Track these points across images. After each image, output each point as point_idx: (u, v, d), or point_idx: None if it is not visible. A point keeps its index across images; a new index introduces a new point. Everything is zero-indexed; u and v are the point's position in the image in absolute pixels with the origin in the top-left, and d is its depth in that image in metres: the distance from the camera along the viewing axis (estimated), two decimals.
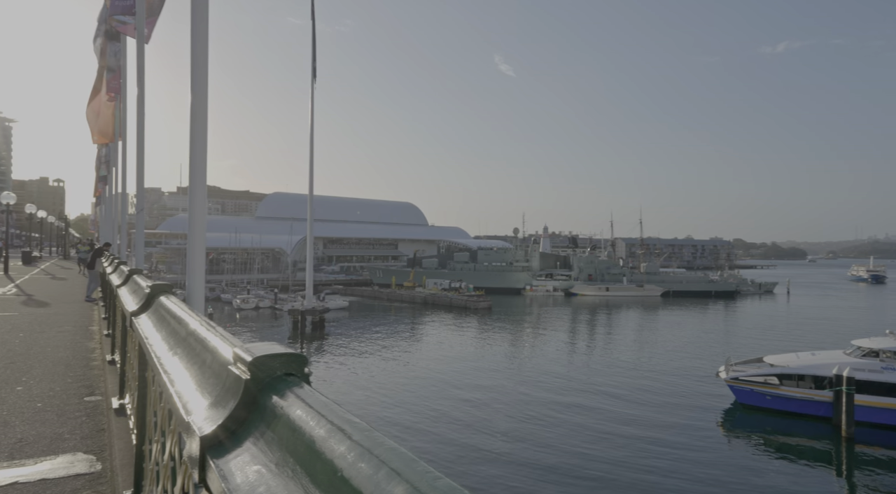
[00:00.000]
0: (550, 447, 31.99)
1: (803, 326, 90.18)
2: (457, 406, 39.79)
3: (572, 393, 44.11)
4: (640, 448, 32.17)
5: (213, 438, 1.52)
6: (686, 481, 27.85)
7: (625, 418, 37.98)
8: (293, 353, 1.72)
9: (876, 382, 36.48)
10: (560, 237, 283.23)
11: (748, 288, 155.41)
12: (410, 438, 33.00)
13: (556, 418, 36.99)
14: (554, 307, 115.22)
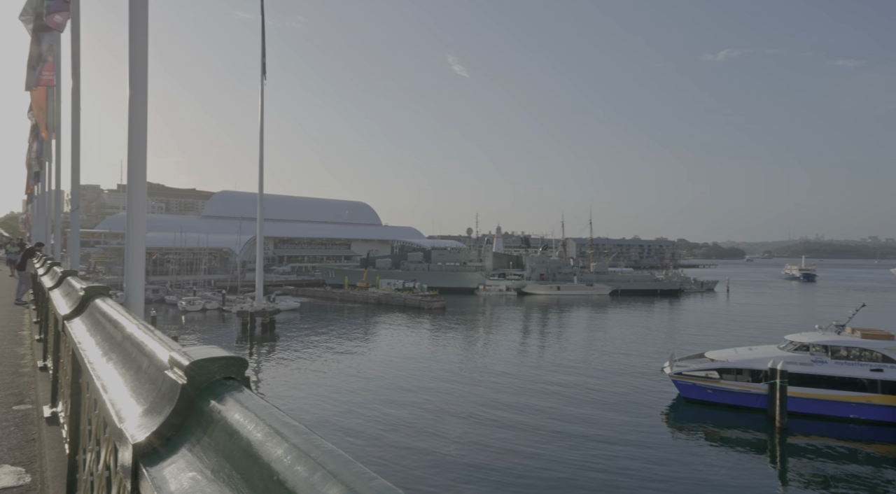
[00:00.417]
0: (502, 449, 32.28)
1: (742, 322, 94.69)
2: (408, 408, 39.47)
3: (524, 393, 44.70)
4: (590, 447, 32.98)
5: (147, 446, 1.49)
6: (633, 477, 28.74)
7: (575, 417, 38.85)
8: (232, 356, 1.70)
9: (806, 374, 38.68)
10: (513, 237, 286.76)
11: (691, 286, 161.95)
12: (361, 442, 32.64)
13: (508, 419, 37.11)
14: (507, 306, 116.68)
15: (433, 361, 56.75)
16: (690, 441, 34.44)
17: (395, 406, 40.33)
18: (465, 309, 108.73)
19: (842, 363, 38.63)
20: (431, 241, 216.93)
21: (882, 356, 38.04)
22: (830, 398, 38.03)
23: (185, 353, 1.70)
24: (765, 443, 34.54)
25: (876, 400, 37.05)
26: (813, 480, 28.80)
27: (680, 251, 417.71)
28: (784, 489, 27.88)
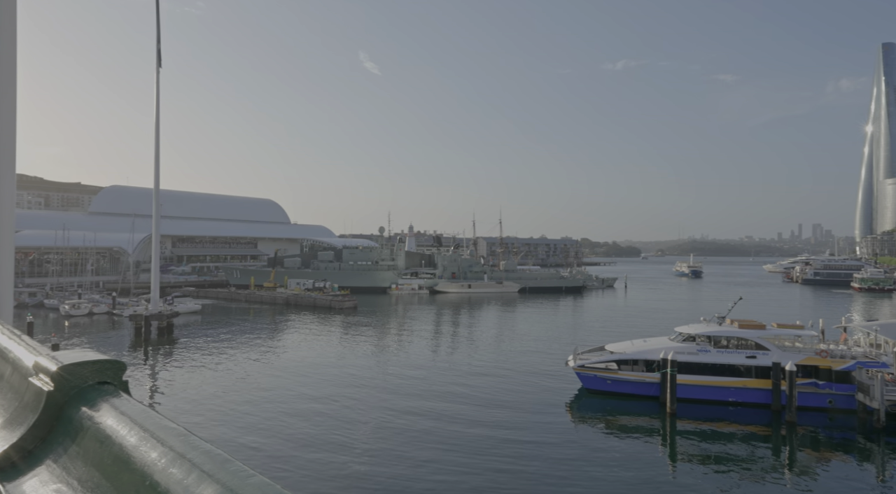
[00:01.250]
0: (411, 458, 32.02)
1: (638, 316, 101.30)
2: (314, 413, 38.22)
3: (435, 395, 44.74)
4: (499, 447, 33.77)
5: (4, 460, 1.40)
6: (538, 472, 29.82)
7: (485, 416, 39.65)
8: (108, 360, 1.62)
9: (693, 363, 42.06)
10: (425, 236, 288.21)
11: (593, 283, 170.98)
12: (260, 455, 31.40)
13: (418, 425, 36.65)
14: (419, 305, 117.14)
15: (343, 364, 55.68)
16: (592, 431, 36.29)
17: (299, 414, 38.57)
18: (378, 309, 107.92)
19: (723, 351, 42.36)
20: (342, 240, 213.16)
21: (756, 344, 42.14)
22: (713, 384, 41.60)
23: (54, 358, 1.61)
24: (657, 428, 37.12)
25: (751, 384, 41.00)
26: (698, 458, 31.34)
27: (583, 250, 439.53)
28: (673, 469, 30.09)
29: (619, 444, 33.55)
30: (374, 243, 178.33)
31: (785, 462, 31.67)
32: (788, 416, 37.45)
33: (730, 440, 34.52)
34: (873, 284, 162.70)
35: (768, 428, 36.80)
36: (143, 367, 54.26)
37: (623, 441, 34.28)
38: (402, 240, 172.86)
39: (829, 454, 32.64)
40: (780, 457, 32.45)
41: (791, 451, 33.30)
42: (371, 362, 56.27)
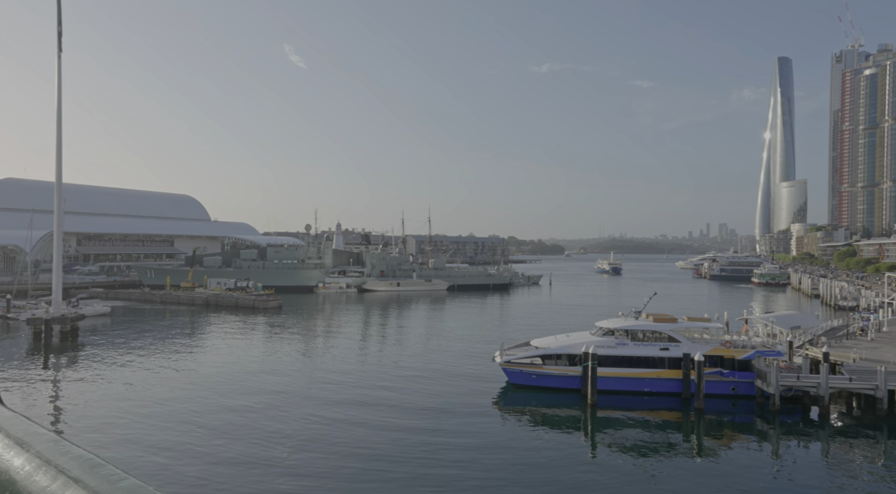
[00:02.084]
0: (339, 462, 31.68)
1: (562, 311, 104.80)
2: (231, 424, 35.72)
3: (363, 396, 44.01)
4: (428, 445, 33.81)
5: None
6: (466, 469, 30.13)
7: (414, 415, 39.56)
8: None
9: (612, 356, 43.95)
10: (353, 234, 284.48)
11: (519, 280, 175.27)
12: (170, 468, 29.52)
13: (344, 428, 35.74)
14: (347, 304, 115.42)
15: (265, 368, 53.68)
16: (517, 423, 37.11)
17: (215, 426, 36.34)
18: (304, 308, 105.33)
19: (639, 344, 44.56)
20: (267, 238, 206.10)
21: (668, 336, 44.63)
22: (631, 375, 43.68)
23: None
24: (579, 420, 38.52)
25: (664, 374, 43.39)
26: (616, 447, 32.77)
27: (510, 248, 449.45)
28: (594, 458, 31.30)
29: (543, 438, 34.47)
30: (301, 241, 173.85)
31: (694, 447, 33.75)
32: (697, 403, 39.95)
33: (645, 428, 36.34)
34: (770, 279, 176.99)
35: (679, 415, 39.09)
36: (41, 375, 49.94)
37: (547, 434, 35.25)
38: (329, 238, 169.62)
39: (732, 436, 35.11)
40: (689, 442, 34.55)
41: (699, 436, 35.54)
42: (296, 365, 54.70)
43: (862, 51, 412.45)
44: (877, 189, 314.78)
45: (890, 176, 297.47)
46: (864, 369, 40.84)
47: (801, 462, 30.96)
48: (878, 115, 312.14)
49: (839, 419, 38.36)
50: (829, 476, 28.99)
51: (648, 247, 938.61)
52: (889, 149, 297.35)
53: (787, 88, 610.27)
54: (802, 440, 34.84)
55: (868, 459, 31.47)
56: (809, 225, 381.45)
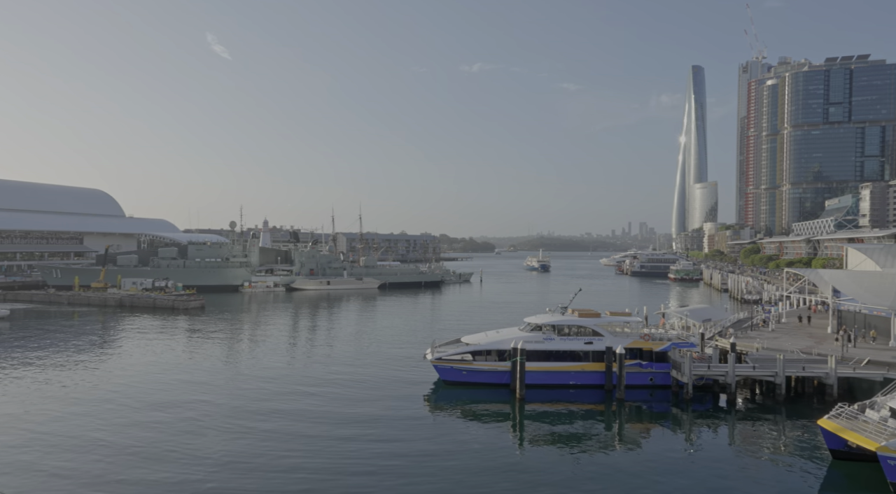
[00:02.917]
0: (264, 471, 30.55)
1: (492, 308, 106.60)
2: (141, 436, 33.22)
3: (291, 399, 42.79)
4: (358, 447, 33.39)
5: None
6: (400, 463, 30.01)
7: (344, 417, 38.95)
8: None
9: (539, 351, 45.17)
10: (281, 231, 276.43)
11: (451, 278, 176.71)
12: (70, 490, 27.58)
13: (271, 433, 34.49)
14: (274, 303, 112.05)
15: (184, 372, 51.07)
16: (447, 419, 37.33)
17: (123, 427, 34.41)
18: (228, 308, 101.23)
19: (565, 339, 46.04)
20: (188, 235, 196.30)
21: (592, 331, 46.40)
22: (557, 369, 45.07)
23: None
24: (508, 414, 39.29)
25: (588, 367, 45.09)
26: (543, 439, 33.70)
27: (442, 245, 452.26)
28: (521, 450, 32.03)
29: (473, 433, 34.88)
30: (225, 239, 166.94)
31: (615, 436, 35.26)
32: (618, 394, 41.80)
33: (570, 420, 37.62)
34: (685, 275, 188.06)
35: (602, 406, 40.75)
36: None
37: (477, 429, 35.71)
38: (255, 236, 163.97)
39: (650, 424, 37.00)
40: (611, 431, 36.06)
41: (620, 425, 37.18)
42: (218, 370, 52.34)
43: (765, 62, 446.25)
44: (777, 191, 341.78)
45: (789, 179, 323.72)
46: (765, 357, 44.18)
47: (712, 446, 33.09)
48: (778, 123, 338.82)
49: (744, 404, 41.31)
50: (736, 457, 31.15)
51: (575, 244, 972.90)
52: (788, 154, 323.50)
53: (700, 95, 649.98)
54: (712, 425, 37.22)
55: (769, 440, 34.09)
56: (720, 224, 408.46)
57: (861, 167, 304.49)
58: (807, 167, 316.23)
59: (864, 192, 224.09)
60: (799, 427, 36.11)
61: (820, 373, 40.93)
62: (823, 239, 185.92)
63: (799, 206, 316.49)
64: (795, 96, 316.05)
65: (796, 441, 33.67)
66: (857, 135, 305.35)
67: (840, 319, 54.58)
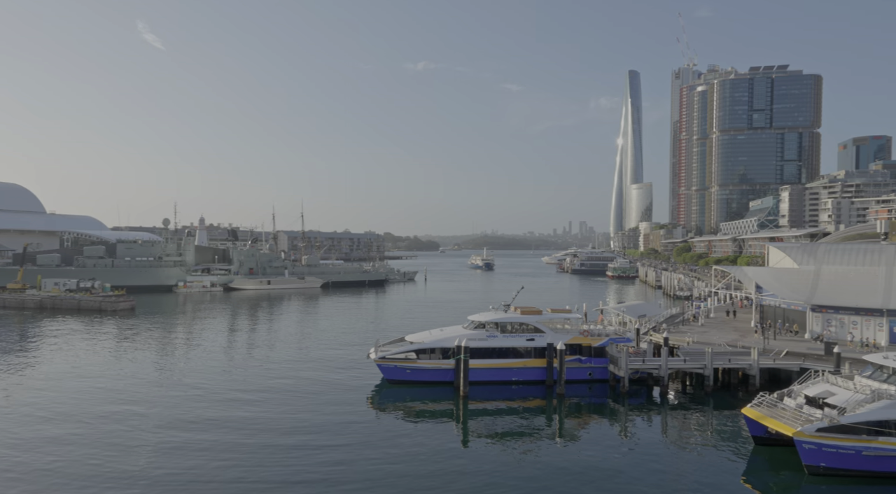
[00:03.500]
0: (199, 485, 29.66)
1: (437, 307, 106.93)
2: (54, 452, 30.89)
3: (227, 405, 41.39)
4: (299, 453, 32.71)
5: None
6: (344, 467, 29.59)
7: (285, 419, 38.05)
8: None
9: (483, 348, 45.68)
10: (219, 229, 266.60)
11: (395, 276, 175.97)
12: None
13: (206, 443, 33.26)
14: (211, 303, 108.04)
15: (108, 379, 48.20)
16: (392, 421, 37.14)
17: (35, 461, 31.40)
18: (161, 310, 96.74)
19: (508, 336, 46.76)
20: (117, 233, 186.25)
21: (534, 328, 47.34)
22: (500, 366, 45.72)
23: None
24: (452, 412, 39.52)
25: (530, 363, 45.98)
26: (486, 436, 34.12)
27: (386, 244, 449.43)
28: (465, 448, 32.29)
29: (417, 431, 34.88)
30: (158, 237, 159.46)
31: (556, 430, 36.13)
32: (559, 389, 42.86)
33: (513, 416, 38.25)
34: (622, 272, 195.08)
35: (543, 402, 41.66)
36: None
37: (421, 427, 35.73)
38: (191, 234, 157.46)
39: (589, 418, 38.16)
40: (552, 426, 36.93)
41: (560, 419, 38.14)
42: (149, 373, 49.95)
43: (696, 69, 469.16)
44: (707, 192, 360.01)
45: (717, 181, 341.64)
46: (695, 351, 46.47)
47: (646, 437, 34.48)
48: (708, 128, 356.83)
49: (676, 396, 43.29)
50: (668, 446, 32.59)
51: (518, 243, 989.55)
52: (716, 157, 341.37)
53: (636, 99, 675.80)
54: (647, 416, 38.79)
55: (698, 429, 35.89)
56: (654, 223, 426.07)
57: (781, 170, 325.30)
58: (733, 170, 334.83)
59: (783, 194, 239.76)
60: (725, 415, 38.18)
61: (744, 365, 43.43)
62: (748, 238, 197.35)
63: (726, 207, 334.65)
64: (723, 102, 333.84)
65: (723, 428, 35.59)
66: (778, 141, 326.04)
67: (762, 313, 58.05)
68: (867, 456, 27.15)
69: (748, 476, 28.34)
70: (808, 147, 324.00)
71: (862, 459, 27.19)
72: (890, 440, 26.99)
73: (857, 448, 27.14)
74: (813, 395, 30.26)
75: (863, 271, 52.61)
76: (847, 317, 49.93)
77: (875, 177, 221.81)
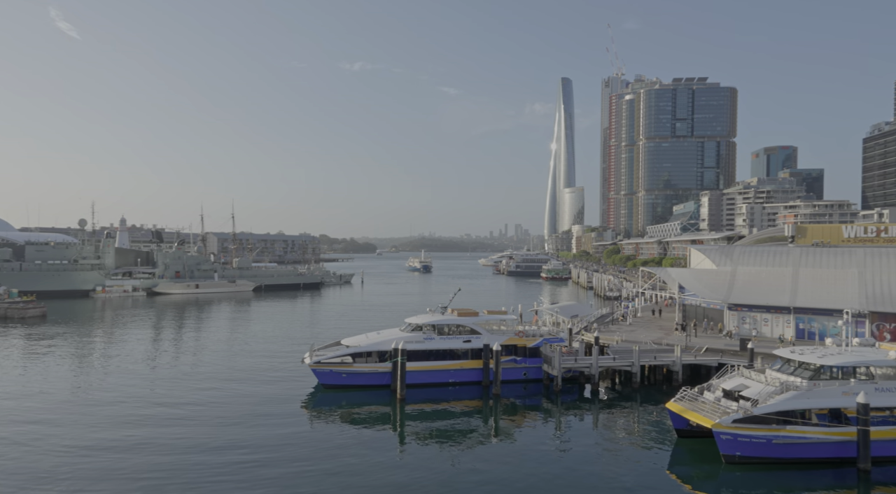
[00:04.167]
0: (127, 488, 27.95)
1: (374, 309, 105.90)
2: None
3: (149, 417, 39.19)
4: (233, 462, 31.48)
5: None
6: (276, 475, 28.68)
7: (214, 431, 36.49)
8: None
9: (420, 350, 45.65)
10: (142, 230, 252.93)
11: (331, 279, 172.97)
12: None
13: (129, 457, 31.57)
14: (133, 309, 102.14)
15: (15, 391, 44.85)
16: (328, 427, 36.36)
17: None
18: (76, 317, 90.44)
19: (445, 338, 46.96)
20: (26, 235, 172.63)
21: (471, 329, 47.79)
22: (437, 368, 45.83)
23: None
24: (388, 415, 39.20)
25: (467, 365, 46.37)
26: (423, 437, 34.06)
27: (322, 246, 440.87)
28: (402, 452, 32.10)
29: (354, 436, 34.34)
30: (73, 238, 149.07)
31: (492, 430, 36.60)
32: (495, 390, 43.46)
33: (450, 417, 38.43)
34: (555, 274, 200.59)
35: (480, 402, 42.10)
36: None
37: (358, 432, 35.22)
38: (110, 235, 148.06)
39: (524, 417, 38.92)
40: (488, 426, 37.37)
41: (496, 419, 38.67)
42: (59, 386, 46.51)
43: (624, 79, 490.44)
44: (634, 196, 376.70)
45: (644, 186, 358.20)
46: (624, 349, 48.42)
47: (578, 433, 35.57)
48: (635, 135, 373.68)
49: (606, 393, 44.92)
50: (598, 441, 33.73)
51: (455, 245, 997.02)
52: (643, 163, 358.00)
53: (569, 105, 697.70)
54: (579, 414, 40.02)
55: (627, 424, 37.38)
56: (586, 226, 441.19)
57: (701, 177, 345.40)
58: (658, 175, 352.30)
59: (703, 199, 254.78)
60: (651, 410, 39.98)
61: (668, 362, 45.67)
62: (671, 240, 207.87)
63: (652, 211, 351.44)
64: (648, 111, 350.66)
65: (649, 423, 37.25)
66: (698, 149, 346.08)
67: (685, 312, 61.28)
68: (777, 444, 29.19)
69: (672, 467, 29.78)
70: (726, 155, 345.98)
71: (773, 447, 29.20)
72: (796, 428, 29.14)
73: (767, 437, 29.11)
74: (729, 389, 32.23)
75: (773, 271, 56.61)
76: (759, 315, 53.54)
77: (783, 185, 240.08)
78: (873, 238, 60.13)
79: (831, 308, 49.29)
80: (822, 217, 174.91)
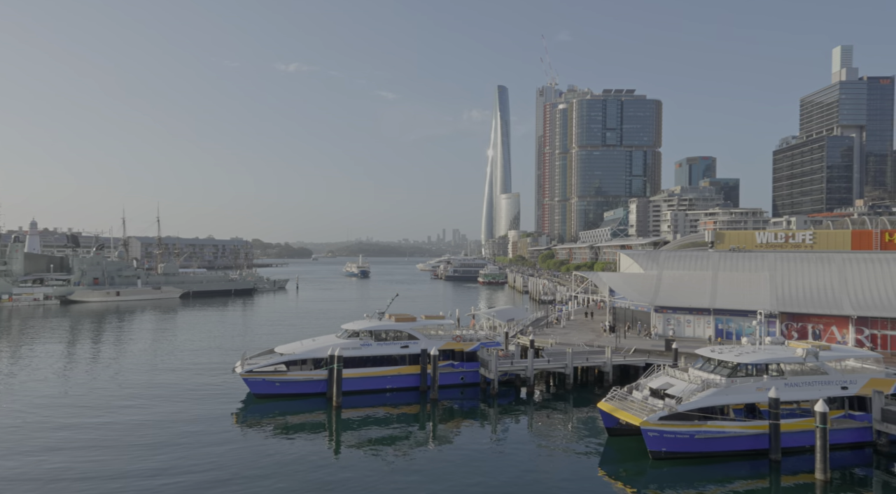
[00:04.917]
0: None
1: (310, 316, 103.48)
2: None
3: (63, 441, 36.43)
4: (155, 481, 29.82)
5: None
6: (205, 489, 27.36)
7: (135, 446, 34.43)
8: None
9: (357, 357, 44.98)
10: (56, 235, 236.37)
11: (265, 285, 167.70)
12: None
13: (42, 487, 29.56)
14: (45, 319, 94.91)
15: None
16: (261, 440, 35.06)
17: None
18: None
19: (382, 344, 46.50)
20: None
21: (408, 335, 47.58)
22: (374, 374, 45.30)
23: None
24: (324, 423, 38.33)
25: (405, 370, 46.10)
26: (360, 444, 33.51)
27: (255, 251, 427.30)
28: (337, 460, 31.45)
29: (288, 446, 33.33)
30: None
31: (430, 435, 36.54)
32: (432, 394, 43.44)
33: (387, 423, 38.04)
34: (492, 278, 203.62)
35: (417, 407, 41.95)
36: None
37: (292, 441, 34.21)
38: (19, 239, 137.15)
39: (461, 421, 39.10)
40: (425, 431, 37.29)
41: (434, 424, 38.65)
42: None
43: (557, 88, 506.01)
44: (568, 203, 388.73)
45: (577, 192, 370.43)
46: (557, 352, 49.67)
47: (514, 435, 36.11)
48: (568, 143, 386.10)
49: (541, 395, 45.90)
50: (533, 442, 34.38)
51: (393, 250, 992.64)
52: (576, 171, 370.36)
53: (505, 113, 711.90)
54: (514, 416, 40.65)
55: (560, 424, 38.32)
56: (522, 231, 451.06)
57: (630, 184, 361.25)
58: (590, 183, 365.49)
59: (631, 206, 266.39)
60: (584, 410, 41.20)
61: (599, 363, 47.25)
62: (602, 245, 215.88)
63: (584, 217, 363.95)
64: (581, 120, 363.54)
65: (581, 422, 38.36)
66: (627, 157, 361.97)
67: (615, 315, 63.66)
68: (699, 439, 30.80)
69: (603, 465, 30.77)
70: (652, 164, 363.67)
71: (695, 442, 30.79)
72: (716, 423, 30.88)
73: (690, 433, 30.67)
74: (656, 387, 33.72)
75: (694, 275, 59.84)
76: (683, 316, 56.41)
77: (703, 193, 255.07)
78: (782, 243, 64.84)
79: (746, 309, 52.61)
80: (738, 224, 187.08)
